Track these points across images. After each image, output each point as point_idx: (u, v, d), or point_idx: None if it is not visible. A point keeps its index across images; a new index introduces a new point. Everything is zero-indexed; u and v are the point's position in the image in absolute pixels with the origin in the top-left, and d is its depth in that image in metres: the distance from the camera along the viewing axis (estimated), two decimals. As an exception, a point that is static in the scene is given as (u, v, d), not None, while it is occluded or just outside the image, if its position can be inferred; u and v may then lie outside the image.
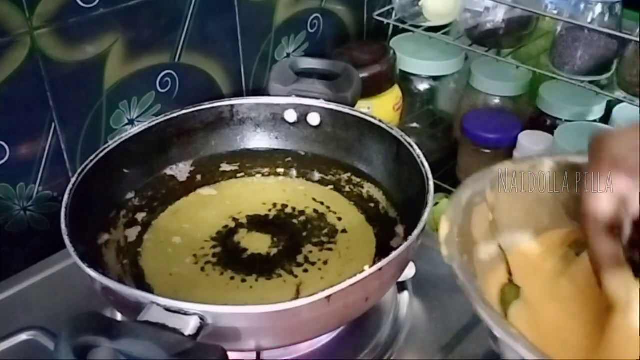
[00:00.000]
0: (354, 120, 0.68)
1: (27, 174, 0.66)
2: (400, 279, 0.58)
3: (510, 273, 0.48)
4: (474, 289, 0.40)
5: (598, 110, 0.86)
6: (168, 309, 0.44)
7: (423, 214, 0.53)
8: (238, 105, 0.70)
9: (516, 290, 0.46)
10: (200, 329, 0.44)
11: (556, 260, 0.49)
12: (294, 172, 0.69)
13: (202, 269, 0.58)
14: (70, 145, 0.68)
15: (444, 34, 0.92)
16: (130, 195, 0.65)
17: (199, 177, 0.69)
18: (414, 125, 1.00)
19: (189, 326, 0.43)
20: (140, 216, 0.64)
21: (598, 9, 0.77)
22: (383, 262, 0.49)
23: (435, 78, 0.96)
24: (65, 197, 0.55)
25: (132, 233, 0.62)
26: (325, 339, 0.57)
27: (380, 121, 0.66)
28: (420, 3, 0.89)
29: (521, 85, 0.92)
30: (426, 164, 0.58)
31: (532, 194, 0.51)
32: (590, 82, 0.81)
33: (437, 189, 0.55)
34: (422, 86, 0.96)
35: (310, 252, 0.59)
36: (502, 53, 0.89)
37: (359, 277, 0.47)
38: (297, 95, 0.70)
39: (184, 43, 0.74)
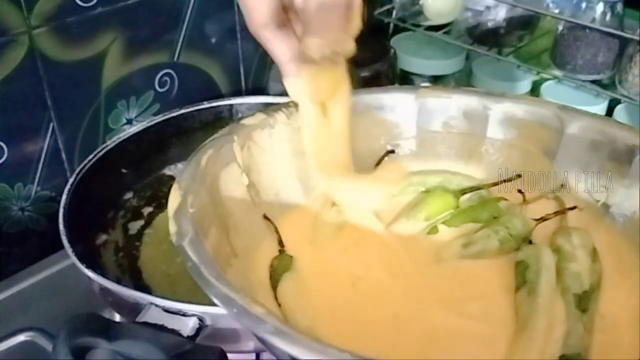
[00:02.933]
0: (354, 120, 0.67)
1: (25, 174, 0.65)
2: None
3: (281, 243, 0.42)
4: (211, 271, 0.32)
5: (600, 110, 0.86)
6: (167, 310, 0.44)
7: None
8: (237, 104, 0.70)
9: (289, 261, 0.41)
10: (199, 330, 0.44)
11: (327, 223, 0.44)
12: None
13: (201, 269, 0.58)
14: (68, 145, 0.67)
15: (444, 33, 0.92)
16: (128, 195, 0.64)
17: (198, 177, 0.68)
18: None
19: (188, 327, 0.43)
20: (147, 210, 0.64)
21: (599, 8, 0.77)
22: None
23: (436, 77, 0.95)
24: (64, 197, 0.55)
25: (134, 226, 0.62)
26: (325, 340, 0.56)
27: (380, 121, 0.66)
28: (420, 2, 0.89)
29: (522, 85, 0.91)
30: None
31: (291, 145, 0.45)
32: (592, 82, 0.81)
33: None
34: (423, 85, 0.96)
35: (310, 252, 0.59)
36: (503, 52, 0.89)
37: (360, 277, 0.47)
38: (297, 95, 0.69)
39: (183, 42, 0.74)
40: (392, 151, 0.50)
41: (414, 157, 0.51)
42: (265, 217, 0.43)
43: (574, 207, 0.46)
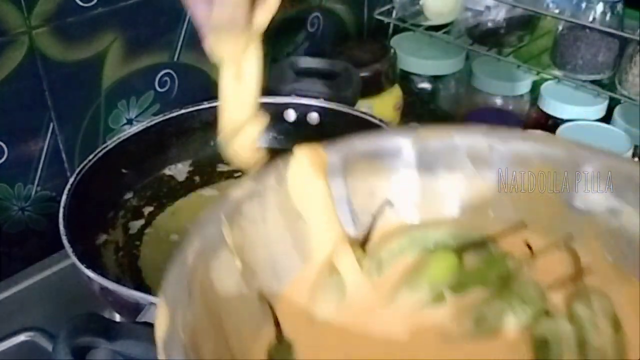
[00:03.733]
0: (354, 120, 0.67)
1: (26, 174, 0.65)
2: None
3: (279, 327, 0.38)
4: None
5: (599, 110, 0.86)
6: (167, 310, 0.44)
7: None
8: (237, 104, 0.70)
9: (288, 351, 0.37)
10: (199, 330, 0.43)
11: (326, 297, 0.41)
12: (293, 172, 0.69)
13: (202, 269, 0.58)
14: (68, 145, 0.67)
15: (444, 33, 0.92)
16: (128, 195, 0.64)
17: (197, 177, 0.68)
18: (415, 125, 1.00)
19: (188, 327, 0.43)
20: (147, 210, 0.64)
21: (599, 8, 0.77)
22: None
23: (436, 77, 0.95)
24: (64, 197, 0.55)
25: (135, 226, 0.62)
26: (325, 340, 0.56)
27: (380, 121, 0.66)
28: (420, 2, 0.89)
29: (522, 85, 0.91)
30: (427, 164, 0.58)
31: (284, 210, 0.41)
32: (592, 82, 0.81)
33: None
34: (423, 86, 0.96)
35: (311, 252, 0.59)
36: (503, 52, 0.89)
37: (360, 277, 0.47)
38: (297, 95, 0.69)
39: (183, 42, 0.74)
40: (390, 203, 0.46)
41: (415, 208, 0.46)
42: (261, 297, 0.38)
43: (589, 270, 0.41)
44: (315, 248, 0.42)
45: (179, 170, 0.68)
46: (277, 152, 0.69)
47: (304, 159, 0.42)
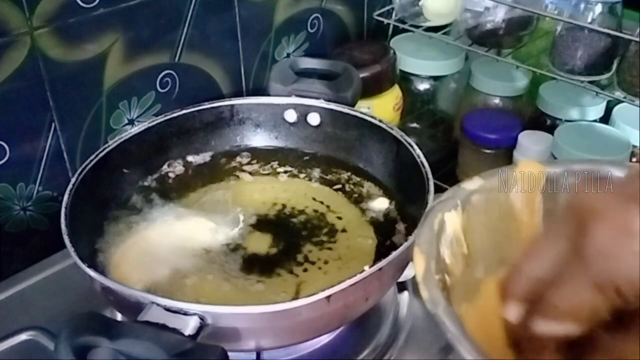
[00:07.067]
0: (354, 120, 0.68)
1: (27, 174, 0.66)
2: (401, 279, 0.58)
3: None
4: (472, 342, 0.32)
5: (598, 111, 0.86)
6: (168, 309, 0.44)
7: (423, 214, 0.52)
8: (238, 105, 0.70)
9: None
10: (200, 329, 0.44)
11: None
12: (293, 172, 0.69)
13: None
14: (70, 145, 0.68)
15: (444, 33, 0.92)
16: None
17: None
18: (414, 125, 1.00)
19: (189, 326, 0.43)
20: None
21: (598, 9, 0.77)
22: (383, 262, 0.49)
23: (435, 78, 0.96)
24: (65, 197, 0.55)
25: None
26: (325, 339, 0.57)
27: (380, 121, 0.66)
28: (420, 3, 0.89)
29: (521, 85, 0.92)
30: (426, 164, 0.58)
31: (500, 210, 0.43)
32: (590, 82, 0.81)
33: (437, 189, 0.55)
34: (422, 86, 0.96)
35: (310, 251, 0.59)
36: (502, 53, 0.89)
37: (359, 277, 0.47)
38: (297, 95, 0.70)
39: (184, 43, 0.74)
40: None
41: None
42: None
43: None
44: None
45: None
46: (278, 153, 0.70)
47: (526, 172, 0.44)
